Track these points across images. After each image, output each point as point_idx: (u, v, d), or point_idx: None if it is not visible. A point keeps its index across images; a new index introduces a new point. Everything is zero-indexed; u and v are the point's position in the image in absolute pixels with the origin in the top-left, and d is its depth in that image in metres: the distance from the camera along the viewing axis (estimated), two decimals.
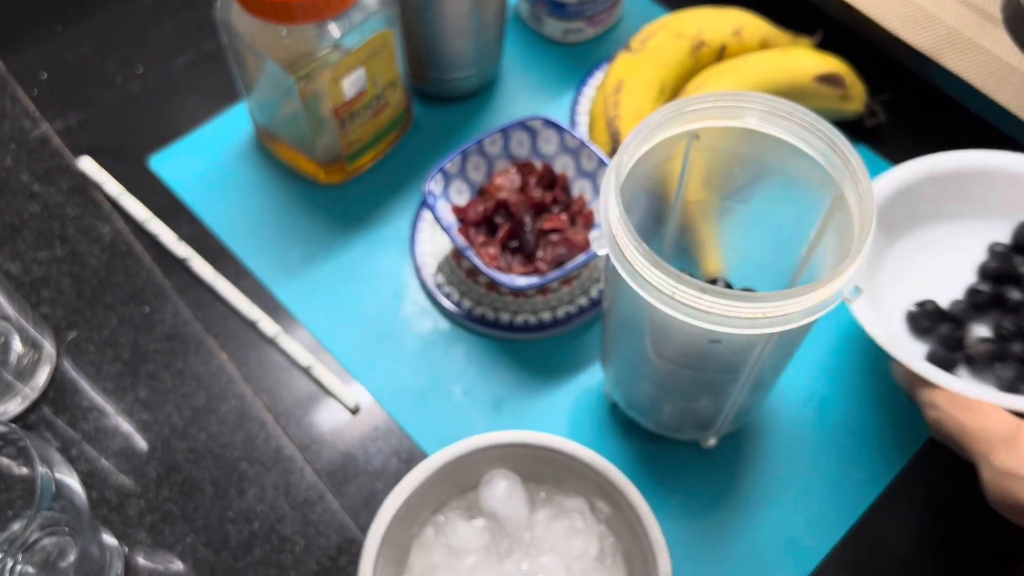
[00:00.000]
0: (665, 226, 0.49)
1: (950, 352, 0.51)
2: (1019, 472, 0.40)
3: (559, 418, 0.53)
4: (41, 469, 0.40)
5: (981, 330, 0.53)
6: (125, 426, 0.53)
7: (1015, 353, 0.51)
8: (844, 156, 0.40)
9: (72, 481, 0.43)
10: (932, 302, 0.53)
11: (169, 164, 0.62)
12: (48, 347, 0.54)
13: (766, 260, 0.49)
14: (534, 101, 0.65)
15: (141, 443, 0.52)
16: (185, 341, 0.56)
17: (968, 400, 0.44)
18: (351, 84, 0.55)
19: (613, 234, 0.38)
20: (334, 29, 0.52)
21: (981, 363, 0.51)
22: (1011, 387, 0.50)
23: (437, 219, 0.53)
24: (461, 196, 0.57)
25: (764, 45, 0.62)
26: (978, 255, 0.55)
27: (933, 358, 0.51)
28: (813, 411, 0.53)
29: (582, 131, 0.63)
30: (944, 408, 0.44)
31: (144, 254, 0.59)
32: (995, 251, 0.54)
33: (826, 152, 0.40)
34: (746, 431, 0.52)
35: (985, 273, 0.54)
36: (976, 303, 0.53)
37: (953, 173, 0.54)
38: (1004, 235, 0.55)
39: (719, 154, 0.44)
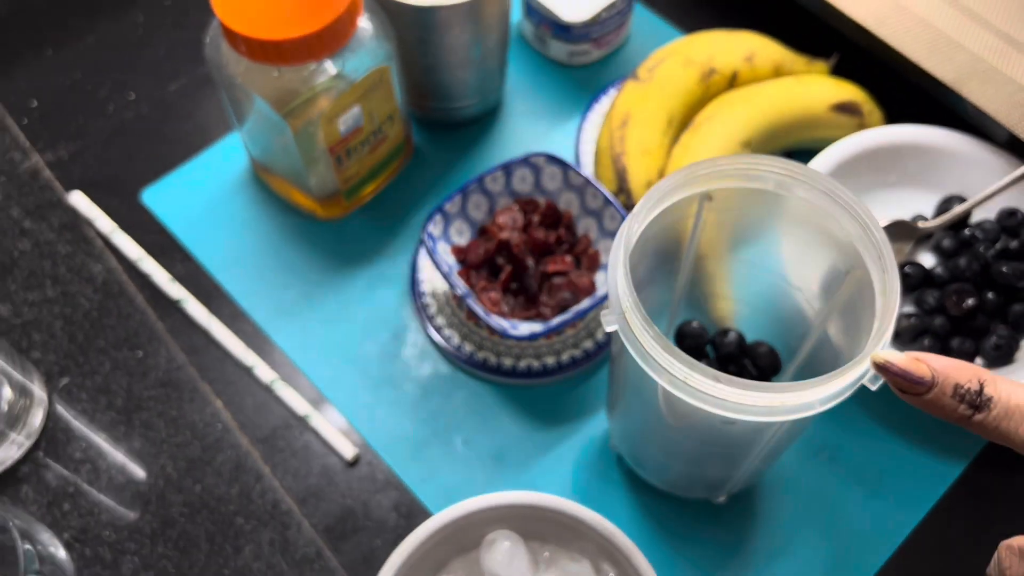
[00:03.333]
0: (675, 278, 0.47)
1: None
2: None
3: (563, 470, 0.52)
4: (23, 545, 0.40)
5: (909, 306, 0.55)
6: (119, 478, 0.51)
7: (935, 327, 0.53)
8: (867, 227, 0.37)
9: (57, 550, 0.42)
10: None
11: (162, 198, 0.60)
12: (39, 393, 0.53)
13: (779, 315, 0.47)
14: (539, 127, 0.63)
15: (136, 496, 0.51)
16: (179, 388, 0.54)
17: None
18: (347, 122, 0.53)
19: (623, 312, 0.36)
20: (329, 67, 0.50)
21: (906, 337, 0.53)
22: None
23: (436, 265, 0.51)
24: (462, 236, 0.55)
25: (778, 71, 0.60)
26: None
27: None
28: (827, 462, 0.51)
29: (587, 159, 0.60)
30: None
31: (137, 295, 0.57)
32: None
33: (846, 219, 0.38)
34: (758, 485, 0.51)
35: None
36: (907, 284, 0.55)
37: (891, 146, 0.57)
38: (930, 204, 0.58)
39: (733, 213, 0.42)
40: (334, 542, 0.50)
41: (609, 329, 0.37)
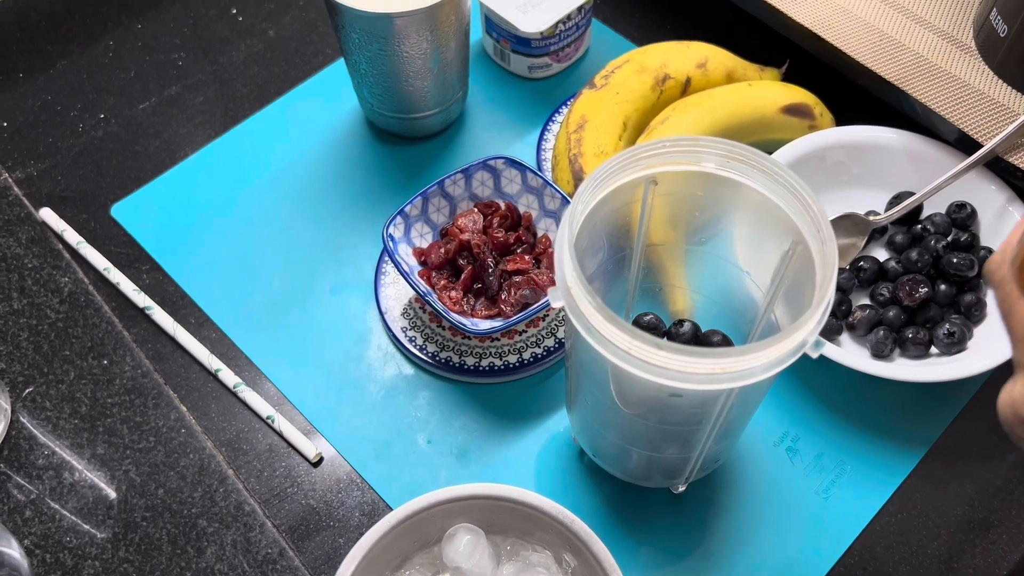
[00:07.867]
0: (629, 268, 0.48)
1: (836, 320, 0.54)
2: None
3: (526, 465, 0.52)
4: None
5: (864, 299, 0.56)
6: (82, 484, 0.51)
7: (889, 319, 0.54)
8: (804, 202, 0.39)
9: (13, 552, 0.41)
10: None
11: (131, 212, 0.61)
12: (2, 403, 0.53)
13: (731, 303, 0.48)
14: (501, 138, 0.64)
15: (98, 501, 0.51)
16: (144, 394, 0.54)
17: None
18: None
19: (568, 287, 0.37)
20: None
21: (862, 329, 0.54)
22: (877, 352, 0.53)
23: (396, 264, 0.52)
24: (423, 239, 0.56)
25: (730, 77, 0.61)
26: None
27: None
28: (785, 452, 0.52)
29: (548, 166, 0.62)
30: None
31: (103, 306, 0.58)
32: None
33: (786, 197, 0.40)
34: (718, 475, 0.51)
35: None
36: (860, 279, 0.56)
37: (842, 146, 0.58)
38: (882, 202, 0.59)
39: (679, 198, 0.43)
40: (297, 542, 0.50)
41: (556, 305, 0.38)
